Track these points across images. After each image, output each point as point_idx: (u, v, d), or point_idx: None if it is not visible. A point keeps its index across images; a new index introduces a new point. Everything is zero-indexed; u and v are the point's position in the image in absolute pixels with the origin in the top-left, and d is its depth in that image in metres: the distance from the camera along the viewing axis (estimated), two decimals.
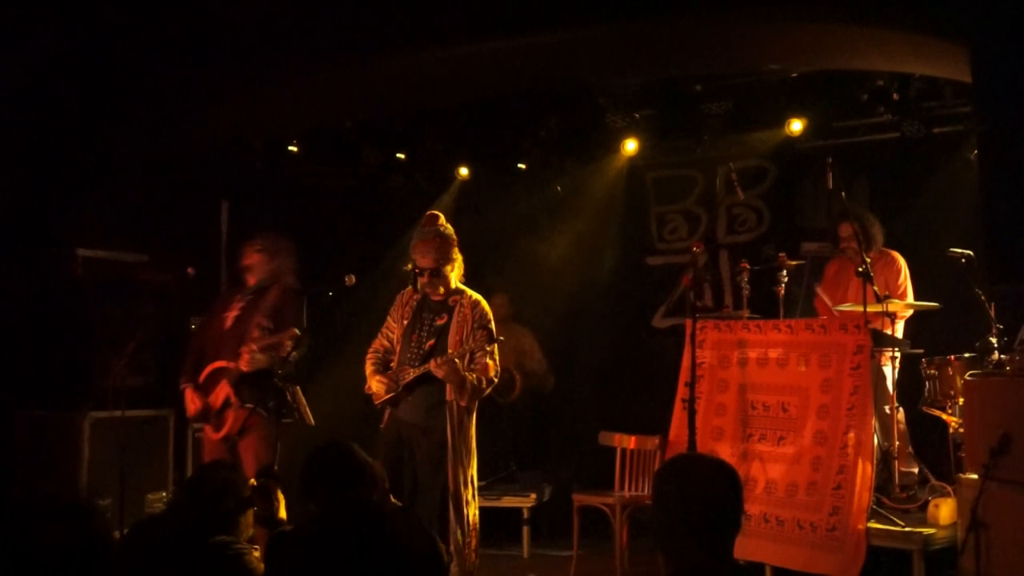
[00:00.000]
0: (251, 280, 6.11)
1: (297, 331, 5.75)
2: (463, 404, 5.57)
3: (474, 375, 5.59)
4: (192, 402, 6.00)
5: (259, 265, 6.09)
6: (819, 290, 7.02)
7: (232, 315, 6.04)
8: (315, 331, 5.89)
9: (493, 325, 5.79)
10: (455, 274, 5.84)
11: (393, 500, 4.38)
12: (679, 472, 2.81)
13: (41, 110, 6.61)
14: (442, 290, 5.80)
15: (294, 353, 5.74)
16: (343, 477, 3.73)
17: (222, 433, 5.90)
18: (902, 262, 6.86)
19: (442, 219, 5.89)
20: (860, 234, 6.58)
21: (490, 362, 5.63)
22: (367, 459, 3.88)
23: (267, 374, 5.82)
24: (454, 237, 5.85)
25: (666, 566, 2.72)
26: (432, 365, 5.57)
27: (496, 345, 5.68)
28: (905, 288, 6.82)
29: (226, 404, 5.91)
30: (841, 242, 6.82)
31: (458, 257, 5.85)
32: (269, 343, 5.81)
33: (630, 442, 6.98)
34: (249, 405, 5.80)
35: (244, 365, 5.83)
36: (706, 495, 2.71)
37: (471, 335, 5.64)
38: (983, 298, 6.21)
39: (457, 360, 5.57)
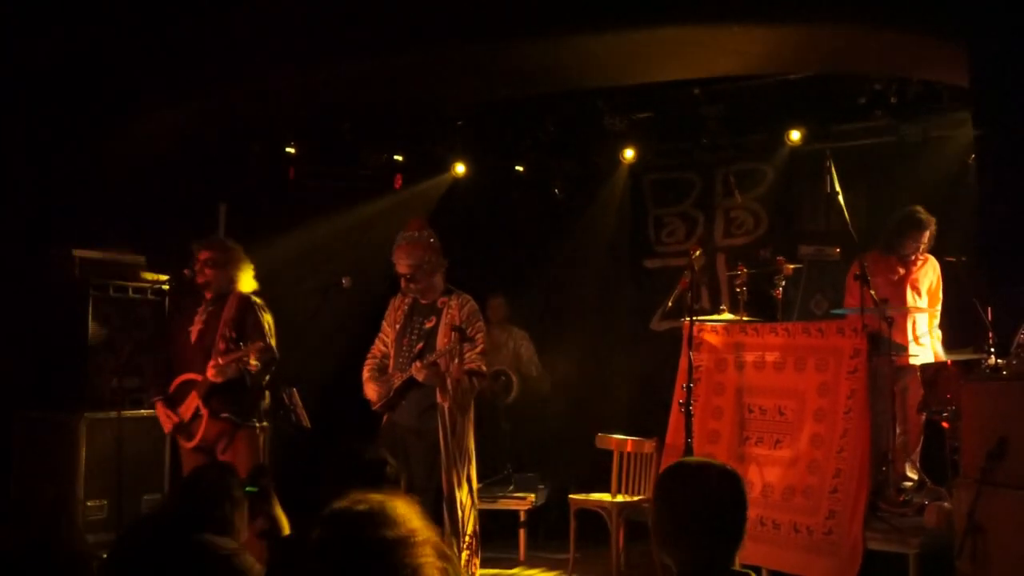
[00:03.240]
0: (208, 293, 6.11)
1: (262, 343, 5.79)
2: (447, 405, 5.57)
3: (456, 378, 5.59)
4: (166, 419, 6.02)
5: (213, 279, 6.09)
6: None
7: (196, 328, 6.05)
8: (312, 334, 5.89)
9: (482, 323, 5.81)
10: (439, 277, 5.85)
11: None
12: (683, 476, 2.79)
13: (38, 110, 6.60)
14: (429, 293, 5.83)
15: (255, 364, 5.77)
16: (371, 479, 3.71)
17: (194, 443, 5.93)
18: (937, 264, 6.96)
19: (421, 224, 5.89)
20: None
21: (456, 361, 5.60)
22: (392, 463, 3.88)
23: (239, 383, 5.83)
24: (434, 242, 5.85)
25: (664, 570, 2.71)
26: (413, 369, 5.60)
27: (470, 344, 5.66)
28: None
29: (196, 415, 5.93)
30: (921, 248, 6.83)
31: (440, 261, 5.85)
32: (235, 357, 5.83)
33: (627, 445, 6.98)
34: (224, 415, 5.84)
35: (213, 378, 5.86)
36: (709, 500, 2.70)
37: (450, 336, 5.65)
38: (979, 302, 6.22)
39: (439, 362, 5.58)
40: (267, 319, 6.03)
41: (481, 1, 6.18)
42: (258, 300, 6.12)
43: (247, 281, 6.17)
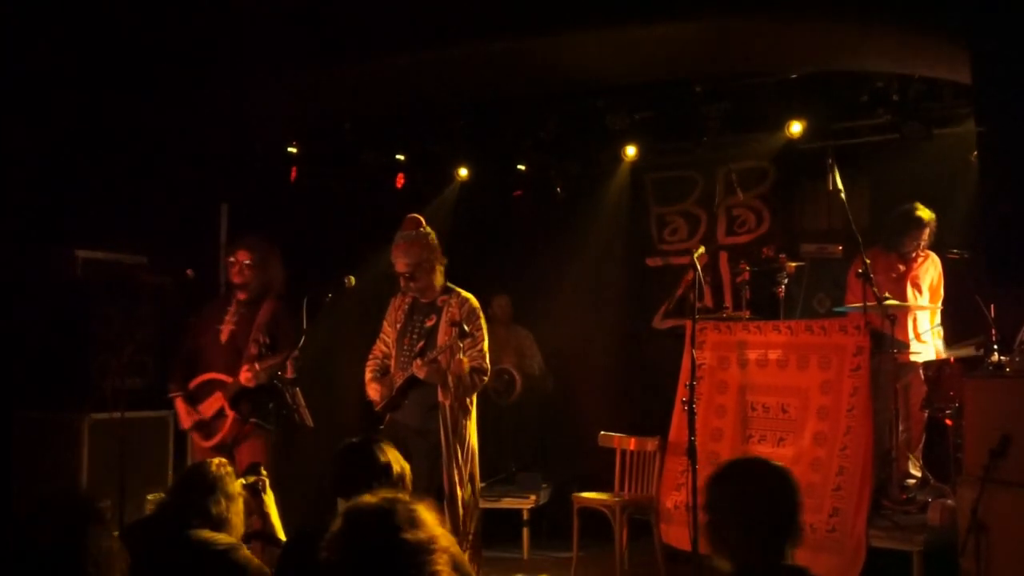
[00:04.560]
0: (242, 295, 6.11)
1: (298, 352, 5.78)
2: (449, 403, 5.57)
3: (456, 374, 5.59)
4: (186, 415, 6.03)
5: (251, 280, 6.07)
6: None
7: (227, 328, 6.05)
8: (315, 334, 5.89)
9: (483, 322, 5.81)
10: (438, 276, 5.84)
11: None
12: (737, 474, 2.81)
13: (41, 111, 6.60)
14: (429, 292, 5.83)
15: (291, 372, 5.79)
16: (377, 476, 3.72)
17: (214, 441, 5.93)
18: (938, 261, 6.95)
19: (419, 223, 5.88)
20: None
21: (464, 358, 5.60)
22: (400, 460, 3.88)
23: (267, 388, 5.84)
24: (432, 240, 5.84)
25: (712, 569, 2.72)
26: (414, 367, 5.60)
27: (471, 340, 5.65)
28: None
29: (219, 414, 5.94)
30: (921, 245, 6.84)
31: (439, 260, 5.85)
32: (273, 363, 5.82)
33: (630, 443, 6.99)
34: (253, 420, 5.86)
35: (246, 382, 5.85)
36: (763, 496, 2.73)
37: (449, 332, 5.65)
38: (982, 299, 6.21)
39: (440, 358, 5.58)
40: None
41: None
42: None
43: (280, 282, 6.16)
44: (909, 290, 6.81)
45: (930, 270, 6.92)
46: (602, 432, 7.24)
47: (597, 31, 6.13)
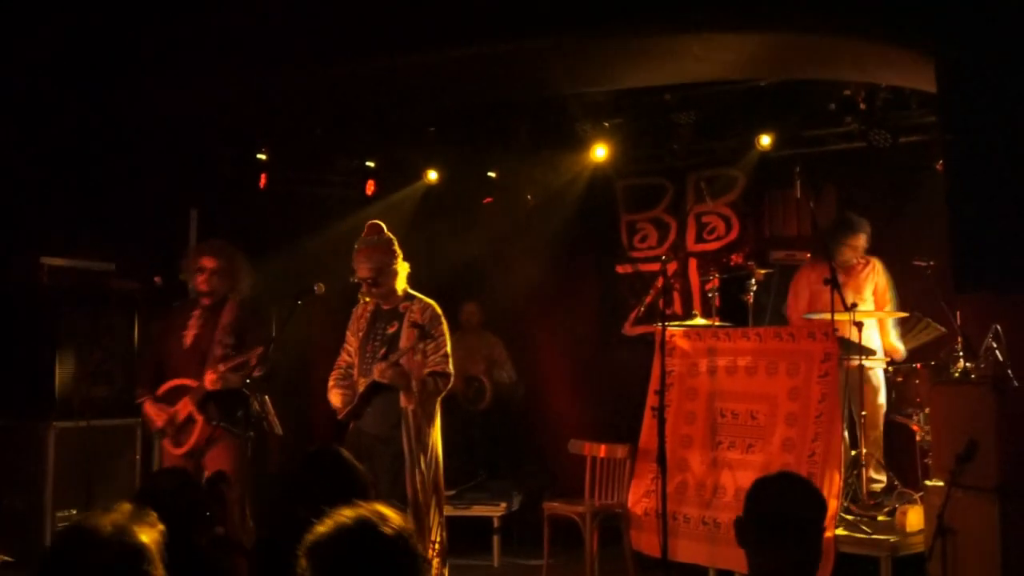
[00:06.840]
0: (207, 300, 6.01)
1: (262, 348, 5.71)
2: (413, 408, 5.55)
3: (418, 377, 5.57)
4: (156, 415, 5.88)
5: (218, 286, 5.99)
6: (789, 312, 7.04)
7: (191, 332, 5.94)
8: (285, 341, 5.85)
9: (445, 328, 5.80)
10: (400, 282, 5.84)
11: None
12: (779, 482, 2.96)
13: (6, 117, 6.54)
14: (391, 298, 5.82)
15: (259, 370, 5.71)
16: (337, 484, 3.71)
17: (184, 449, 5.82)
18: (882, 267, 6.97)
19: (382, 228, 5.89)
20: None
21: (420, 359, 5.59)
22: (359, 467, 3.87)
23: (236, 392, 5.77)
24: (394, 246, 5.85)
25: None
26: (376, 371, 5.58)
27: (434, 345, 5.65)
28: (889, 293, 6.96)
29: (188, 420, 5.83)
30: (857, 252, 6.90)
31: (401, 265, 5.85)
32: (237, 363, 5.75)
33: (600, 450, 6.99)
34: (221, 423, 5.77)
35: (211, 385, 5.76)
36: (782, 508, 2.84)
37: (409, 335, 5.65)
38: (948, 307, 6.27)
39: (402, 361, 5.57)
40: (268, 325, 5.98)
41: (454, 6, 6.17)
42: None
43: (246, 284, 6.10)
44: (849, 297, 6.77)
45: (872, 276, 6.93)
46: (572, 439, 7.24)
47: (569, 39, 6.14)
